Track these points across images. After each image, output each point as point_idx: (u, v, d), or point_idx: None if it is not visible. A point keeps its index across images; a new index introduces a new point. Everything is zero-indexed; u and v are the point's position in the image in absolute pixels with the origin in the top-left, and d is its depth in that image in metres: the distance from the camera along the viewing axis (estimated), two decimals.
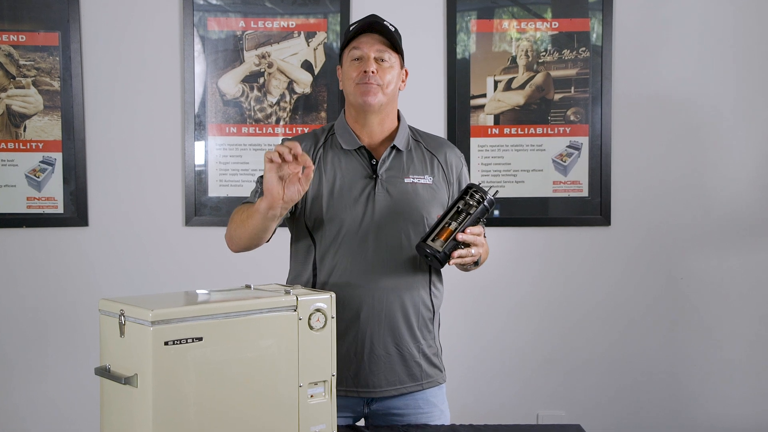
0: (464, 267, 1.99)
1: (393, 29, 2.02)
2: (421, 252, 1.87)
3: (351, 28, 2.02)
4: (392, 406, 2.02)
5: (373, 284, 1.95)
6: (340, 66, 2.07)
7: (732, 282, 3.23)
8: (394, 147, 2.03)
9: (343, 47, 2.04)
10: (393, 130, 2.06)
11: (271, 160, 1.68)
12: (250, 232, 1.87)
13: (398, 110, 2.10)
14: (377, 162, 2.01)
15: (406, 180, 2.00)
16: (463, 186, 2.04)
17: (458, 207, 1.88)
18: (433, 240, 1.86)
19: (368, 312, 1.95)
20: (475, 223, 1.87)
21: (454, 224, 1.86)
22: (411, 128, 2.11)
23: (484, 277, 2.37)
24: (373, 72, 1.96)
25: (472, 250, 1.86)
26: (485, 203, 1.87)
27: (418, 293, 2.00)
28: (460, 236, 1.83)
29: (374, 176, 1.99)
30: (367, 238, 1.96)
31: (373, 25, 1.98)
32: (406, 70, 2.08)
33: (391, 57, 1.99)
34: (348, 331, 1.96)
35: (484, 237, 2.09)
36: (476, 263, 1.96)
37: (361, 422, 2.06)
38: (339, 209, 1.96)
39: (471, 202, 1.87)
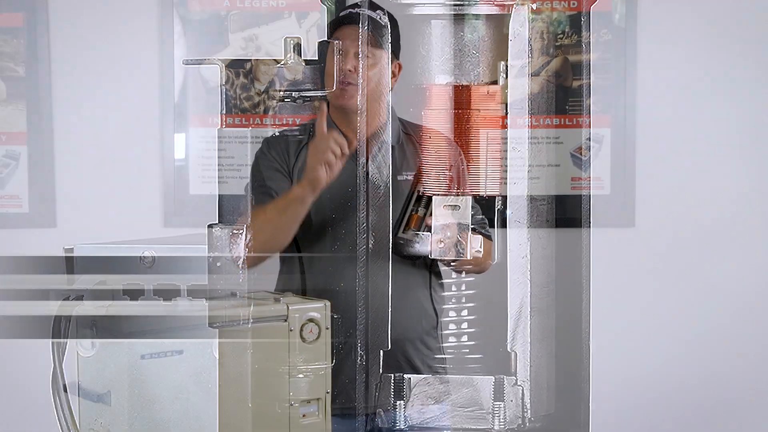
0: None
1: (384, 22, 2.03)
2: (399, 251, 1.92)
3: (341, 15, 2.09)
4: None
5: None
6: None
7: None
8: (383, 143, 2.06)
9: (328, 36, 2.11)
10: (381, 125, 2.09)
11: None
12: (291, 223, 2.04)
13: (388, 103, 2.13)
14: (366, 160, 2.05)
15: (399, 178, 2.05)
16: None
17: (419, 191, 1.94)
18: (404, 231, 1.92)
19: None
20: None
21: (421, 210, 1.92)
22: (402, 120, 2.15)
23: (492, 282, 2.36)
24: (351, 70, 2.02)
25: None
26: None
27: (415, 296, 2.07)
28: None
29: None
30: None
31: (358, 18, 2.01)
32: (398, 63, 2.11)
33: (376, 52, 2.03)
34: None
35: (490, 238, 2.18)
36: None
37: None
38: (325, 210, 2.03)
39: None
